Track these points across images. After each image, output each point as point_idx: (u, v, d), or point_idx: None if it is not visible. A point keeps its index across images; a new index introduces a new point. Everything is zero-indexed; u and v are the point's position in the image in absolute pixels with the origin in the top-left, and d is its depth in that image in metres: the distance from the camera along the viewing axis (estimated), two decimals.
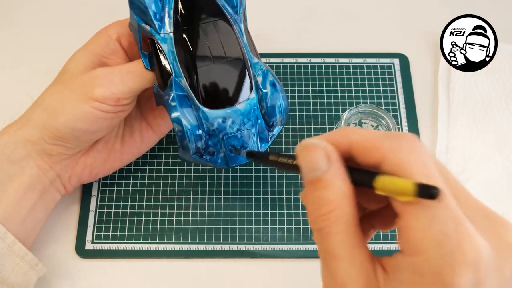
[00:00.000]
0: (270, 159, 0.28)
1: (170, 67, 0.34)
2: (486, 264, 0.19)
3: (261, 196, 0.42)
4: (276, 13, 0.50)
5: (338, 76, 0.47)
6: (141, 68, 0.36)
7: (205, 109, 0.34)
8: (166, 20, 0.34)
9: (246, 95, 0.35)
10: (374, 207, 0.25)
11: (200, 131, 0.35)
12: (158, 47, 0.34)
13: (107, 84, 0.35)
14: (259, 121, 0.37)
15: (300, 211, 0.42)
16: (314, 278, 0.22)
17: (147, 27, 0.34)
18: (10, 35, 0.51)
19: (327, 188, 0.21)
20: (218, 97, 0.35)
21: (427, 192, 0.19)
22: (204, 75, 0.34)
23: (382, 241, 0.41)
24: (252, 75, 0.36)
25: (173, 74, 0.34)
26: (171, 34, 0.34)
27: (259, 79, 0.36)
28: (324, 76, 0.47)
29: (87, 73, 0.35)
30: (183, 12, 0.35)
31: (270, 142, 0.38)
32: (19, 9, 0.52)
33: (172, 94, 0.34)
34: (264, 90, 0.36)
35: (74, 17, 0.51)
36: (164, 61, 0.34)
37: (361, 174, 0.21)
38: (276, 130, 0.38)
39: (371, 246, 0.40)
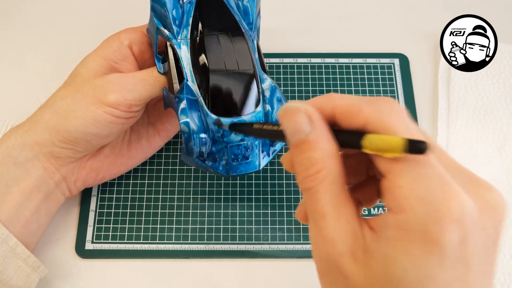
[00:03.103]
0: (255, 127, 0.29)
1: (183, 72, 0.35)
2: (471, 222, 0.19)
3: (261, 196, 0.42)
4: (276, 13, 0.50)
5: (338, 76, 0.47)
6: (154, 77, 0.36)
7: (213, 115, 0.35)
8: (184, 27, 0.35)
9: (253, 107, 0.35)
10: (353, 181, 0.25)
11: (205, 136, 0.35)
12: (174, 51, 0.35)
13: (120, 90, 0.35)
14: None
15: None
16: (314, 278, 0.22)
17: (166, 31, 0.35)
18: (10, 35, 0.51)
19: (312, 149, 0.21)
20: (226, 106, 0.35)
21: (416, 146, 0.19)
22: (215, 83, 0.35)
23: None
24: (260, 90, 0.36)
25: (185, 79, 0.35)
26: (188, 40, 0.35)
27: (267, 94, 0.37)
28: (324, 76, 0.47)
29: (100, 78, 0.36)
30: (201, 21, 0.36)
31: (271, 157, 0.38)
32: (18, 9, 0.52)
33: (183, 97, 0.35)
34: (271, 106, 0.37)
35: (75, 17, 0.51)
36: (178, 65, 0.35)
37: (347, 135, 0.22)
38: (278, 146, 0.38)
39: None
